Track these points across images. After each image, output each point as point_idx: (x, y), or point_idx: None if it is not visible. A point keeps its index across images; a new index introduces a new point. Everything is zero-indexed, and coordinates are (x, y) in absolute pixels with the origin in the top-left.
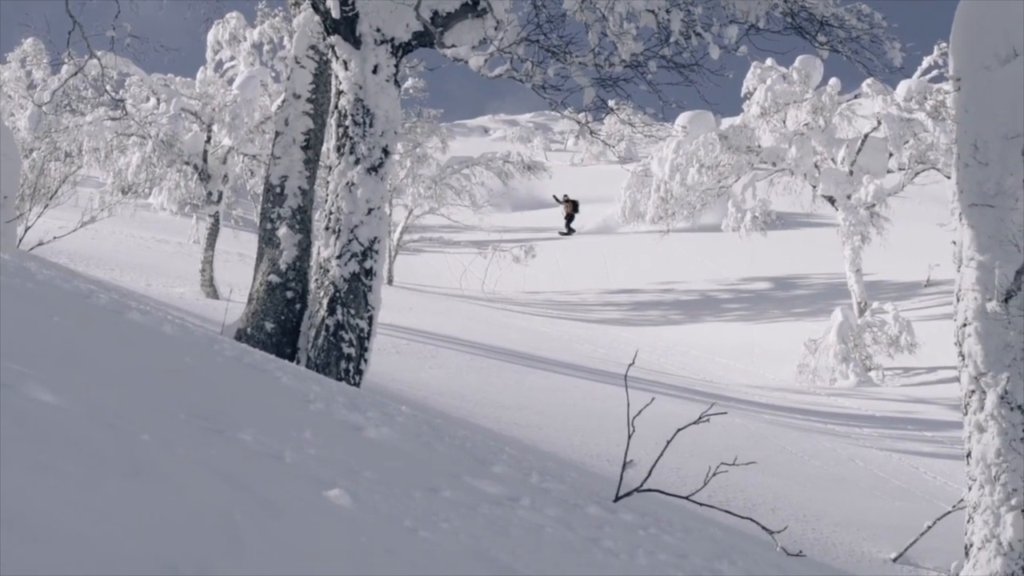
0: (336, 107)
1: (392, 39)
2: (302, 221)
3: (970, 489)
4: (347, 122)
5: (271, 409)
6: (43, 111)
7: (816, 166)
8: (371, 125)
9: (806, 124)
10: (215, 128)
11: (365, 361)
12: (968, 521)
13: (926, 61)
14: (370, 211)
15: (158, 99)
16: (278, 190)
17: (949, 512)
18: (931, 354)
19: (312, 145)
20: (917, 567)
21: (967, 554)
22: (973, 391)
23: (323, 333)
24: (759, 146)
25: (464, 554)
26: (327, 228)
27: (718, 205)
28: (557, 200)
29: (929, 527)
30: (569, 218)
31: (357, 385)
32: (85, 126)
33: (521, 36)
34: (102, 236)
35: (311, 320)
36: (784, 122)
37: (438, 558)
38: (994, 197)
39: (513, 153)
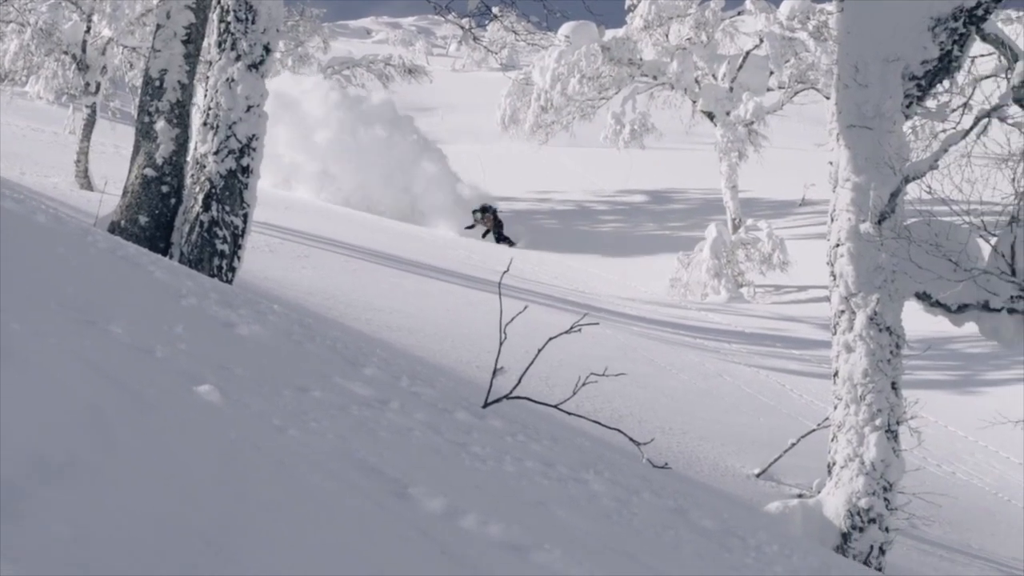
0: (218, 2)
1: None
2: (180, 115)
3: (835, 408)
4: (229, 18)
5: (143, 303)
6: None
7: (697, 81)
8: (253, 22)
9: (688, 39)
10: (95, 18)
11: (238, 258)
12: (832, 440)
13: None
14: (249, 108)
15: None
16: (157, 83)
17: (814, 430)
18: (802, 273)
19: (193, 39)
20: (780, 483)
21: (830, 472)
22: (843, 311)
23: (197, 229)
24: (641, 59)
25: (332, 454)
26: (205, 124)
27: (598, 118)
28: (476, 219)
29: (793, 444)
30: (497, 229)
31: (230, 282)
32: None
33: None
34: None
35: (186, 215)
36: (667, 36)
37: (306, 457)
38: (872, 119)
39: (395, 56)
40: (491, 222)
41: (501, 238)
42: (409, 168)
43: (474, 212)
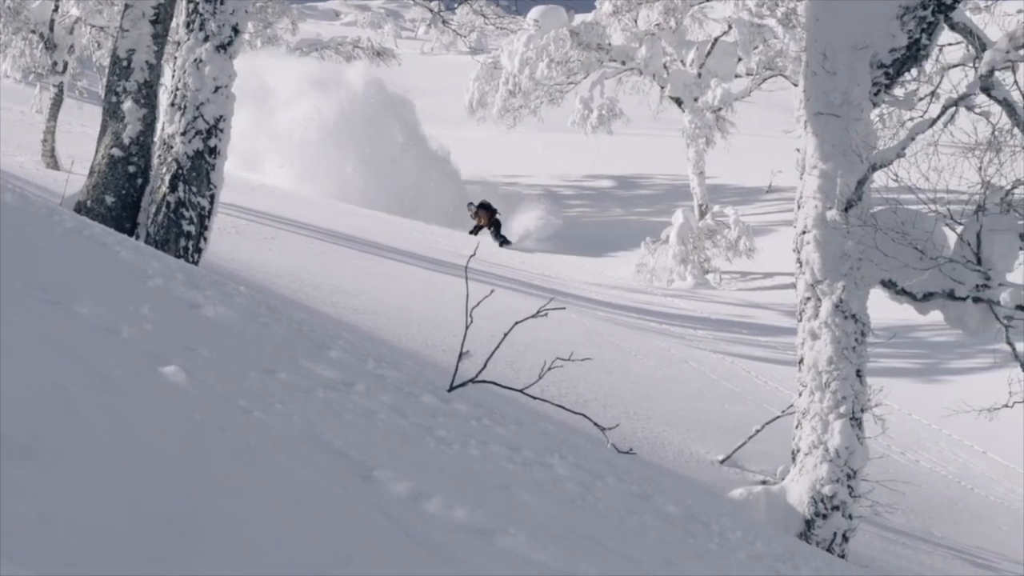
0: None
1: None
2: (148, 96)
3: (800, 395)
4: None
5: (109, 283)
6: None
7: (665, 67)
8: (222, 2)
9: (657, 24)
10: None
11: (205, 240)
12: (797, 427)
13: None
14: (217, 89)
15: None
16: (125, 63)
17: (778, 417)
18: (769, 260)
19: (161, 19)
20: (744, 469)
21: (794, 459)
22: (809, 298)
23: (164, 209)
24: (609, 44)
25: (298, 436)
26: (172, 104)
27: (566, 102)
28: (471, 214)
29: (758, 431)
30: (494, 229)
31: (196, 263)
32: None
33: None
34: None
35: (152, 196)
36: (636, 21)
37: (271, 439)
38: (840, 107)
39: (363, 39)
40: (487, 220)
41: (497, 236)
42: (406, 162)
43: (469, 205)
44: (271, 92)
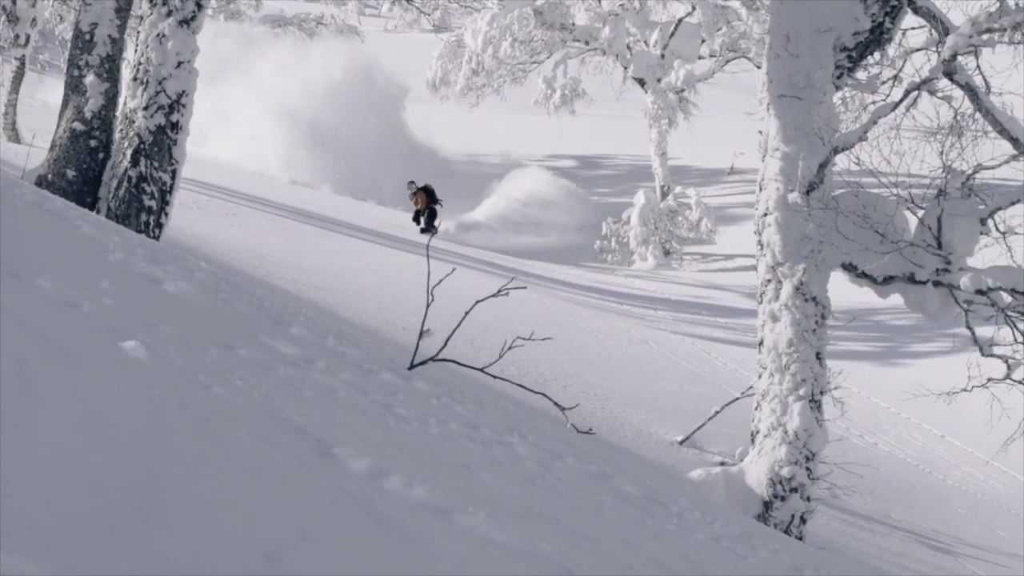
0: None
1: None
2: (110, 70)
3: (760, 377)
4: None
5: (70, 257)
6: None
7: (628, 47)
8: None
9: (621, 4)
10: None
11: (166, 215)
12: (756, 408)
13: None
14: (180, 64)
15: None
16: (87, 37)
17: (738, 398)
18: (730, 241)
19: None
20: (703, 450)
21: (753, 441)
22: (769, 280)
23: (125, 184)
24: (573, 24)
25: (257, 412)
26: (135, 79)
27: (529, 82)
28: (411, 197)
29: (717, 412)
30: (427, 215)
31: (157, 238)
32: None
33: None
34: None
35: (114, 171)
36: (600, 1)
37: (231, 415)
38: (803, 89)
39: (327, 15)
40: (423, 203)
41: (429, 223)
42: (393, 149)
43: (410, 184)
44: (256, 70)
